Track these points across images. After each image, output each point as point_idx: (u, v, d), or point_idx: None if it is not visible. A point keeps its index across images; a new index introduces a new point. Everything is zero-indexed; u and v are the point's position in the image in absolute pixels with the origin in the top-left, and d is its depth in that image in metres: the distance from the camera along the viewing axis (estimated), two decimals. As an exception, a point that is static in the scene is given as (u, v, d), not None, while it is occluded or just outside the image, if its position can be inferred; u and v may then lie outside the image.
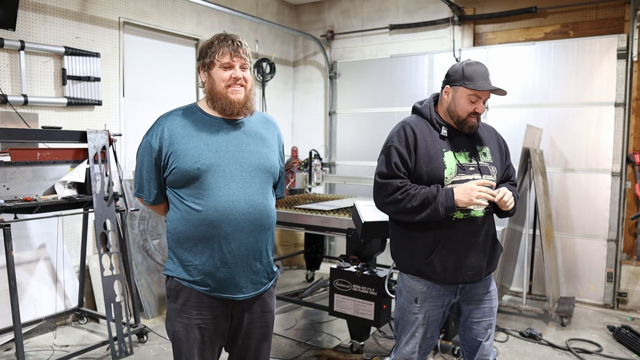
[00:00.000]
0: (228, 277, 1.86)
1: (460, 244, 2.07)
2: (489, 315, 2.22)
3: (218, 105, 1.89)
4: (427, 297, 2.13)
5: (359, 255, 3.40)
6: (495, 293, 2.25)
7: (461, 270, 2.08)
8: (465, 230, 2.07)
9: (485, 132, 2.23)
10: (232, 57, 1.85)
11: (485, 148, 2.17)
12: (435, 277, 2.10)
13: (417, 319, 2.15)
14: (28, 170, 3.15)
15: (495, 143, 2.23)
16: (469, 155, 2.11)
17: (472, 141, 2.15)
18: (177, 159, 1.83)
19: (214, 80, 1.87)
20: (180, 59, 4.97)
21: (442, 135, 2.11)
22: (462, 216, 2.06)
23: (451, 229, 2.06)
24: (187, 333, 1.88)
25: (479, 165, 2.09)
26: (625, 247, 4.69)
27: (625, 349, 3.66)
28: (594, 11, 4.82)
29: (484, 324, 2.21)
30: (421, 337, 2.17)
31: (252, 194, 1.88)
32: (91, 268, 4.06)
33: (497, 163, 2.18)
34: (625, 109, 4.47)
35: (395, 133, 2.16)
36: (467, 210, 2.05)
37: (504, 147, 2.26)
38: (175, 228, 1.88)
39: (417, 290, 2.14)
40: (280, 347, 3.64)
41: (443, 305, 2.18)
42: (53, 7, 3.87)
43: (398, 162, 2.08)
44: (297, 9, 6.41)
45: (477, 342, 2.21)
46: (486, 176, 2.09)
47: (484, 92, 2.06)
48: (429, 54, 5.41)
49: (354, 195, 5.02)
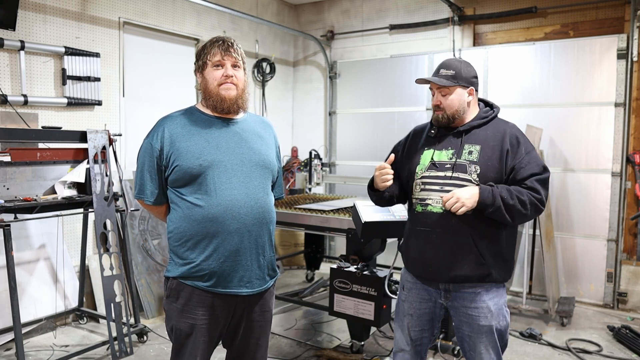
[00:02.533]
0: (232, 272, 1.88)
1: (420, 237, 2.15)
2: (477, 333, 2.08)
3: (210, 103, 1.94)
4: (412, 287, 2.24)
5: (359, 255, 3.40)
6: (487, 312, 2.07)
7: (422, 264, 2.15)
8: (423, 223, 2.13)
9: (489, 130, 2.13)
10: (222, 56, 1.91)
11: (474, 146, 2.09)
12: (408, 266, 2.26)
13: (404, 307, 2.26)
14: (28, 170, 3.15)
15: (495, 142, 2.08)
16: (452, 153, 2.11)
17: (463, 140, 2.13)
18: (178, 157, 1.86)
19: (207, 80, 1.94)
20: (180, 59, 4.97)
21: (429, 135, 2.23)
22: (420, 209, 2.14)
23: (414, 221, 2.19)
24: (190, 332, 1.89)
25: (455, 163, 2.09)
26: (625, 247, 4.68)
27: (625, 349, 3.66)
28: (594, 11, 4.82)
29: (473, 340, 2.11)
30: (412, 329, 2.22)
31: (253, 188, 1.92)
32: (91, 268, 4.06)
33: (487, 162, 2.05)
34: (625, 109, 4.47)
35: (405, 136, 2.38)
36: (425, 205, 2.12)
37: (507, 147, 2.06)
38: (177, 227, 1.90)
39: (405, 279, 2.29)
40: (280, 347, 3.64)
41: (430, 300, 2.18)
42: (53, 7, 3.87)
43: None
44: (297, 9, 6.41)
45: (471, 355, 2.16)
46: (459, 174, 2.06)
47: (432, 85, 2.16)
48: (429, 54, 5.41)
49: (354, 195, 5.01)
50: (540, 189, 2.02)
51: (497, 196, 1.97)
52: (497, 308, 2.09)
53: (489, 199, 1.98)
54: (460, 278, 2.07)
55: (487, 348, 2.09)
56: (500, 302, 2.12)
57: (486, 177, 2.04)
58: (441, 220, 2.07)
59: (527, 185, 2.02)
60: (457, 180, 2.06)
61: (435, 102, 2.15)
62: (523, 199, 1.98)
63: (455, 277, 2.07)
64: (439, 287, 2.16)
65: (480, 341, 2.09)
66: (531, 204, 2.00)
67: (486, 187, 2.00)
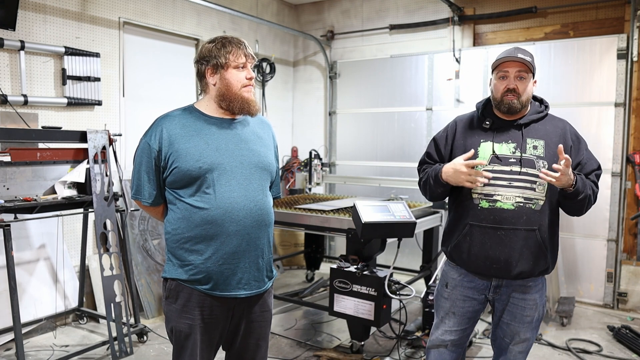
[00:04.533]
0: (230, 274, 1.87)
1: (486, 234, 2.07)
2: (520, 322, 2.13)
3: (234, 106, 1.91)
4: (457, 284, 2.18)
5: (359, 255, 3.40)
6: (534, 303, 2.13)
7: (485, 261, 2.07)
8: (490, 220, 2.05)
9: (548, 125, 2.14)
10: (247, 58, 1.91)
11: (538, 141, 2.08)
12: (462, 263, 2.15)
13: (446, 305, 2.21)
14: (28, 170, 3.15)
15: (558, 137, 2.10)
16: (514, 147, 2.07)
17: (524, 133, 2.09)
18: (177, 159, 1.84)
19: (230, 82, 1.89)
20: (180, 59, 4.97)
21: (484, 126, 2.13)
22: (487, 205, 2.05)
23: (477, 217, 2.08)
24: (189, 333, 1.89)
25: (522, 158, 2.05)
26: (625, 247, 4.68)
27: (625, 349, 3.66)
28: (594, 11, 4.82)
29: (513, 328, 2.14)
30: (451, 326, 2.19)
31: (253, 190, 1.90)
32: (91, 268, 4.06)
33: (553, 158, 2.04)
34: (625, 109, 4.47)
35: (444, 127, 2.30)
36: (494, 201, 2.04)
37: (570, 143, 2.11)
38: (175, 229, 1.88)
39: (449, 276, 2.22)
40: (280, 347, 3.63)
41: (474, 299, 2.15)
42: (53, 7, 3.87)
43: (432, 152, 2.27)
44: (297, 9, 6.41)
45: (504, 342, 2.18)
46: (528, 169, 2.03)
47: (509, 65, 2.05)
48: (429, 54, 5.41)
49: (354, 195, 5.02)
50: (598, 184, 2.15)
51: (587, 185, 2.05)
52: (541, 300, 2.18)
53: (581, 186, 2.01)
54: (525, 274, 2.08)
55: (525, 335, 2.16)
56: (544, 293, 2.20)
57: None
58: (512, 217, 2.03)
59: (591, 180, 2.11)
60: (525, 175, 2.04)
61: (511, 85, 2.05)
62: (595, 191, 2.10)
63: (520, 273, 2.07)
64: (492, 282, 2.13)
65: (521, 330, 2.15)
66: (595, 197, 2.10)
67: (578, 175, 2.04)
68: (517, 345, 2.17)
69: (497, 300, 2.16)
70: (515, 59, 2.04)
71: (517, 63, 2.05)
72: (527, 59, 2.04)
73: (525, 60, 2.04)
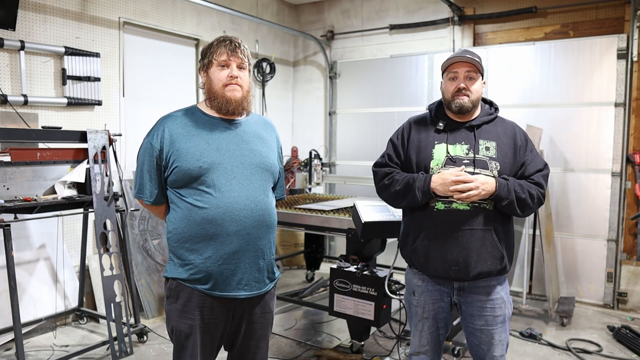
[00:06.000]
0: (230, 274, 1.87)
1: (442, 236, 2.07)
2: (492, 324, 2.13)
3: (215, 104, 1.92)
4: (423, 290, 2.19)
5: (359, 255, 3.40)
6: (501, 302, 2.14)
7: (444, 263, 2.08)
8: (446, 222, 2.06)
9: (499, 127, 2.17)
10: (229, 56, 1.89)
11: (490, 142, 2.11)
12: (421, 268, 2.16)
13: (417, 311, 2.22)
14: (28, 170, 3.15)
15: (508, 139, 2.14)
16: (467, 148, 2.09)
17: (476, 135, 2.12)
18: (178, 158, 1.85)
19: (212, 80, 1.92)
20: (180, 59, 4.97)
21: (437, 128, 2.15)
22: (443, 207, 2.06)
23: (432, 220, 2.09)
24: (190, 333, 1.89)
25: (475, 159, 2.07)
26: (625, 247, 4.68)
27: (625, 349, 3.66)
28: (594, 11, 4.82)
29: (487, 332, 2.13)
30: (428, 331, 2.20)
31: (254, 190, 1.90)
32: (91, 268, 4.06)
33: (504, 159, 2.09)
34: (625, 109, 4.47)
35: (398, 128, 2.29)
36: (449, 202, 2.05)
37: (519, 143, 2.14)
38: (176, 228, 1.89)
39: (414, 284, 2.23)
40: (280, 347, 3.64)
41: (442, 300, 2.17)
42: (53, 7, 3.87)
43: (391, 153, 2.23)
44: (297, 9, 6.41)
45: (481, 349, 2.18)
46: (482, 170, 2.05)
47: (458, 66, 2.09)
48: (429, 54, 5.41)
49: (354, 195, 5.01)
50: (544, 184, 2.13)
51: (512, 190, 2.03)
52: (507, 297, 2.19)
53: (504, 192, 2.02)
54: (483, 274, 2.08)
55: (500, 337, 2.15)
56: (508, 290, 2.22)
57: (505, 174, 2.09)
58: (468, 218, 2.04)
59: (534, 181, 2.11)
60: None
61: (461, 85, 2.08)
62: (532, 193, 2.07)
63: (479, 274, 2.07)
64: (453, 285, 2.14)
65: (495, 331, 2.14)
66: (537, 198, 2.09)
67: (502, 180, 2.04)
68: (496, 349, 2.15)
69: (463, 302, 2.17)
70: (464, 59, 2.08)
71: (466, 63, 2.09)
72: (476, 59, 2.09)
73: (474, 60, 2.08)
